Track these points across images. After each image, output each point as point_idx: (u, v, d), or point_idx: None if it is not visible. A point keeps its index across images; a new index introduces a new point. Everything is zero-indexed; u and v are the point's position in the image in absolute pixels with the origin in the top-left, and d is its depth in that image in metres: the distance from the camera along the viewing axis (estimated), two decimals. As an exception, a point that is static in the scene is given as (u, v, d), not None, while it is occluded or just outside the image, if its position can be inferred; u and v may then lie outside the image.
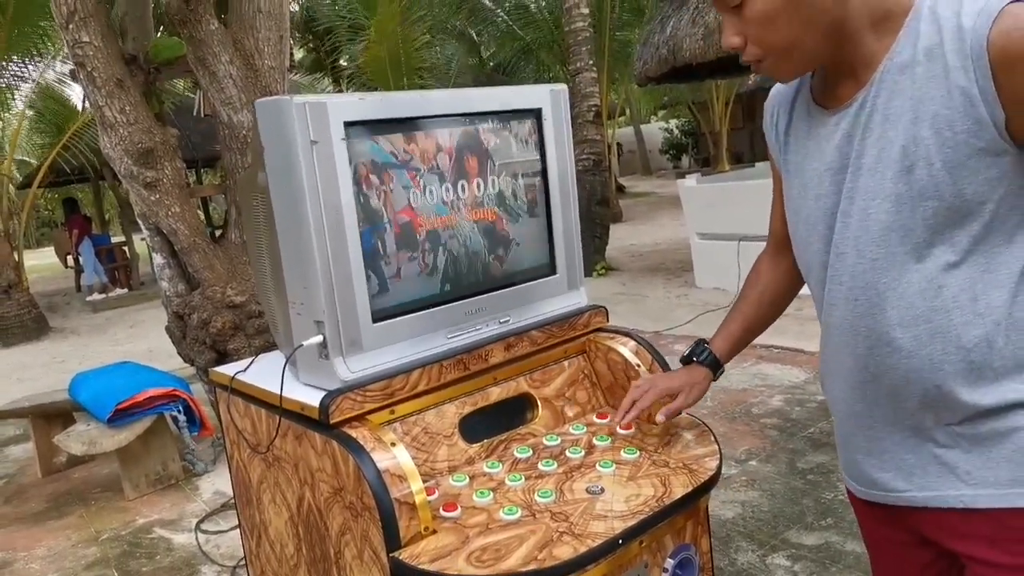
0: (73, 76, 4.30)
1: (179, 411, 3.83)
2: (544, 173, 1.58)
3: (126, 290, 12.30)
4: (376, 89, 11.94)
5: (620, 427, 1.48)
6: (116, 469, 3.90)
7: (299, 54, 20.12)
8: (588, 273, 8.19)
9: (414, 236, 1.40)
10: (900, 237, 0.99)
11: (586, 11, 8.62)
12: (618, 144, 21.06)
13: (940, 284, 0.98)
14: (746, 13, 1.00)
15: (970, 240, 0.96)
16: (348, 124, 1.28)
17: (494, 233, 1.53)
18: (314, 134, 1.24)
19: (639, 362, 1.56)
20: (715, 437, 1.46)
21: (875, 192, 1.00)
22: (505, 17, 13.40)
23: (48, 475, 4.30)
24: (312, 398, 1.29)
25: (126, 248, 12.94)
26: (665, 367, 1.58)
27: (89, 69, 3.60)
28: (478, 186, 1.49)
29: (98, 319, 10.48)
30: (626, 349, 1.59)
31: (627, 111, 24.50)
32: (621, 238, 10.88)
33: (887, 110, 0.98)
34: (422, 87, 11.78)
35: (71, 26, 3.55)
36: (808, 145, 1.11)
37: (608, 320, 1.69)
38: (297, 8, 19.17)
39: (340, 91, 17.69)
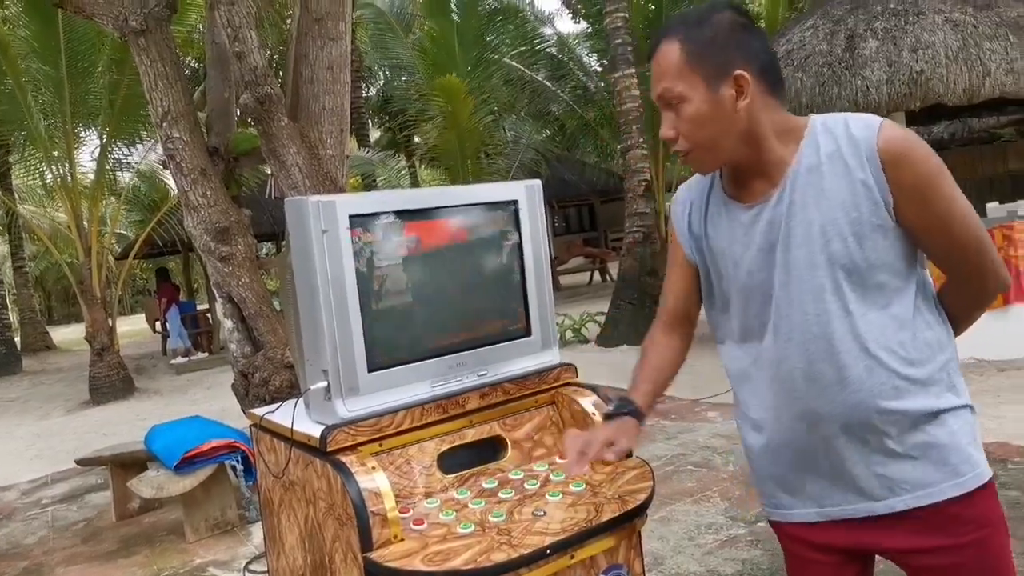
0: (164, 165, 4.93)
1: (238, 461, 4.23)
2: (520, 251, 1.92)
3: (207, 354, 13.10)
4: (444, 166, 12.69)
5: (571, 477, 1.62)
6: (181, 516, 4.30)
7: (375, 134, 21.39)
8: (639, 341, 8.32)
9: (407, 304, 1.74)
10: (830, 295, 1.29)
11: (636, 92, 9.05)
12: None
13: (864, 328, 1.28)
14: (680, 113, 1.31)
15: (878, 293, 1.28)
16: (352, 216, 1.65)
17: (476, 302, 1.86)
18: (325, 224, 1.62)
19: (595, 412, 1.84)
20: (653, 476, 1.71)
21: (806, 262, 1.30)
22: (565, 97, 14.07)
23: (122, 519, 4.75)
24: (316, 431, 1.63)
25: (209, 315, 13.85)
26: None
27: (178, 160, 4.19)
28: (463, 263, 1.83)
29: (180, 380, 11.22)
30: (587, 401, 1.87)
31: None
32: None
33: (804, 200, 1.29)
34: (483, 165, 12.46)
35: (164, 124, 4.16)
36: (732, 230, 1.39)
37: (577, 376, 1.98)
38: (374, 92, 20.54)
39: (413, 168, 18.66)
